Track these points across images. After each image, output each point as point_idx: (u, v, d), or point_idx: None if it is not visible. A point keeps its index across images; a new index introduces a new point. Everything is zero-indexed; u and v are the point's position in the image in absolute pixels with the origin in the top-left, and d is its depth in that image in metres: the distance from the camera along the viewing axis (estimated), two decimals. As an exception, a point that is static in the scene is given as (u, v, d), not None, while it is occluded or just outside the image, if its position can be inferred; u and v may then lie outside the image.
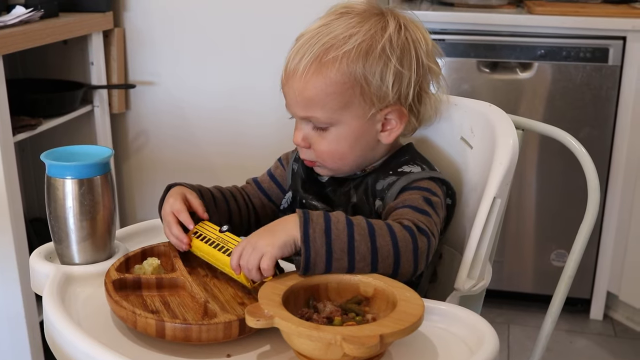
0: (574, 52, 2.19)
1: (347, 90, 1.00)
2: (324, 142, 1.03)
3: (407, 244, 0.89)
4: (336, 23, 1.02)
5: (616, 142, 2.24)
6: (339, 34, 1.00)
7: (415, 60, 1.03)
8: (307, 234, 0.86)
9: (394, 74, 1.01)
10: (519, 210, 2.37)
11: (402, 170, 1.04)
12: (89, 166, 0.99)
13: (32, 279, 1.02)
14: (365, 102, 1.01)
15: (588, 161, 1.14)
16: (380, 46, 1.00)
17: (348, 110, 1.01)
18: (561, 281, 1.16)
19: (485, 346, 0.81)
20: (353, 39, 0.99)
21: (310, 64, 0.99)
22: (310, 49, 1.00)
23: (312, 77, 0.99)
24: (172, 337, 0.82)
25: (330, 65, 0.99)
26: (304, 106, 1.02)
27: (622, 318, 2.41)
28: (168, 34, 2.16)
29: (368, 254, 0.87)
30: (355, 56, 0.99)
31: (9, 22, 1.73)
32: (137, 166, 2.30)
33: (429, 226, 0.93)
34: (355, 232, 0.87)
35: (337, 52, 0.99)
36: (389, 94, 1.01)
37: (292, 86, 1.02)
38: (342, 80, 0.99)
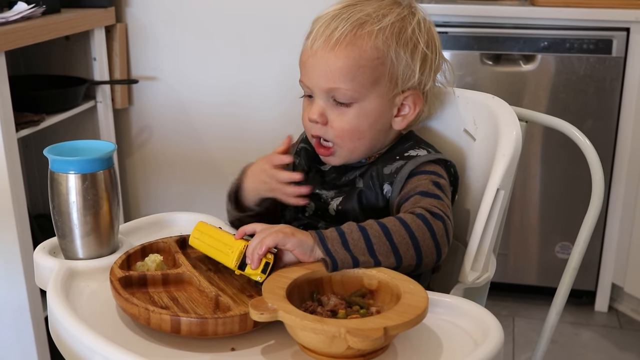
0: (577, 43, 2.18)
1: (379, 67, 1.01)
2: (345, 118, 1.03)
3: (424, 232, 0.90)
4: (366, 3, 1.04)
5: (620, 134, 2.23)
6: (371, 12, 1.02)
7: (437, 49, 1.07)
8: (327, 247, 0.88)
9: (422, 57, 1.04)
10: (523, 203, 2.37)
11: (408, 155, 1.05)
12: (92, 161, 0.98)
13: (37, 274, 1.02)
14: (391, 82, 1.03)
15: (592, 153, 1.13)
16: (411, 28, 1.03)
17: (375, 87, 1.02)
18: (566, 273, 1.16)
19: (490, 338, 0.80)
20: (387, 18, 1.02)
21: (345, 35, 1.00)
22: (344, 23, 1.01)
23: (346, 47, 1.00)
24: (188, 332, 0.82)
25: (366, 39, 1.01)
26: (332, 78, 1.01)
27: (627, 310, 2.41)
28: (170, 29, 2.15)
29: (390, 253, 0.89)
30: (389, 34, 1.01)
31: (11, 18, 1.73)
32: (140, 161, 2.30)
33: (442, 209, 0.95)
34: (371, 236, 0.89)
35: (372, 27, 1.01)
36: (415, 75, 1.03)
37: (321, 58, 1.01)
38: (376, 55, 1.01)
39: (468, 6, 2.29)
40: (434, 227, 0.91)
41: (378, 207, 1.04)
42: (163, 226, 1.15)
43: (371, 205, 1.05)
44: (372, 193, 1.05)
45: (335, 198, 1.07)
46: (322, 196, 1.08)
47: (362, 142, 1.05)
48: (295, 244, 0.88)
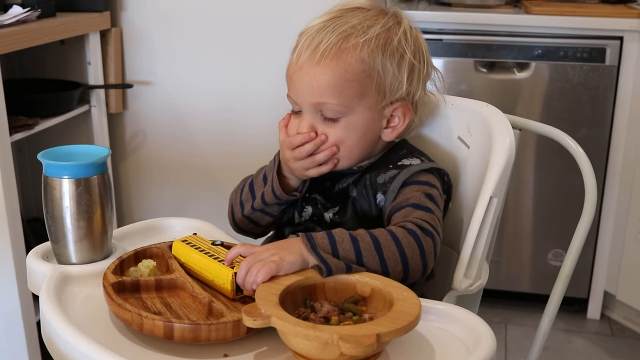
0: (571, 52, 2.19)
1: (365, 79, 1.01)
2: (332, 132, 1.03)
3: (414, 249, 0.91)
4: (351, 15, 1.03)
5: (613, 142, 2.24)
6: (356, 24, 1.01)
7: (425, 58, 1.06)
8: (319, 255, 0.88)
9: (409, 67, 1.03)
10: (516, 210, 2.37)
11: (402, 164, 1.05)
12: (86, 166, 0.98)
13: (29, 278, 1.02)
14: (378, 94, 1.02)
15: (585, 161, 1.14)
16: (397, 39, 1.02)
17: (362, 100, 1.01)
18: (558, 281, 1.17)
19: (482, 346, 0.81)
20: (372, 30, 1.01)
21: (329, 49, 0.99)
22: (328, 36, 1.00)
23: (331, 62, 0.99)
24: (181, 337, 0.82)
25: (351, 52, 1.00)
26: (318, 93, 1.00)
27: (620, 317, 2.41)
28: (165, 33, 2.15)
29: (378, 267, 0.89)
30: (375, 45, 1.00)
31: (6, 21, 1.73)
32: (134, 166, 2.30)
33: (433, 223, 0.95)
34: (361, 248, 0.89)
35: (357, 39, 1.00)
36: (403, 86, 1.03)
37: (307, 72, 1.01)
38: (362, 68, 1.00)
39: (462, 14, 2.29)
40: (423, 245, 0.92)
41: (371, 216, 1.05)
42: (156, 231, 1.15)
43: (365, 214, 1.05)
44: (366, 202, 1.05)
45: (331, 208, 1.07)
46: (318, 202, 1.08)
47: (350, 154, 1.04)
48: (287, 269, 0.87)
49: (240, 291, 0.90)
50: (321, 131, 1.03)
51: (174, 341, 0.82)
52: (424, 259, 0.92)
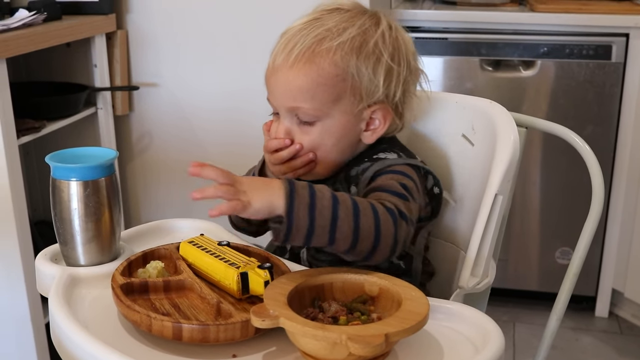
0: (576, 49, 2.18)
1: (339, 83, 0.99)
2: (309, 137, 1.01)
3: (389, 227, 0.87)
4: (328, 17, 1.01)
5: (620, 139, 2.24)
6: (332, 27, 1.00)
7: (405, 59, 1.03)
8: (291, 207, 0.83)
9: (386, 69, 1.00)
10: (523, 209, 2.37)
11: (377, 157, 1.03)
12: (94, 168, 0.99)
13: (38, 280, 1.02)
14: (355, 97, 1.00)
15: (592, 159, 1.14)
16: (373, 41, 1.00)
17: (337, 104, 1.00)
18: (566, 279, 1.16)
19: (490, 344, 0.81)
20: (347, 32, 0.99)
21: (302, 53, 0.98)
22: (303, 39, 0.99)
23: (304, 66, 0.98)
24: (190, 338, 0.82)
25: (324, 56, 0.98)
26: (293, 97, 1.00)
27: (628, 315, 2.41)
28: (170, 35, 2.16)
29: (350, 234, 0.85)
30: (349, 49, 0.99)
31: (12, 25, 1.74)
32: (141, 167, 2.30)
33: (409, 213, 0.92)
34: (340, 210, 0.85)
35: (331, 43, 0.98)
36: (380, 89, 1.00)
37: (281, 76, 1.00)
38: (335, 72, 0.98)
39: (467, 12, 2.29)
40: (398, 226, 0.88)
41: None
42: (164, 233, 1.15)
43: None
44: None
45: None
46: None
47: (326, 159, 1.03)
48: (250, 214, 0.83)
49: (246, 291, 0.90)
50: (297, 135, 1.02)
51: (182, 342, 0.82)
52: (395, 241, 0.88)
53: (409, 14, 2.29)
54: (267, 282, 0.88)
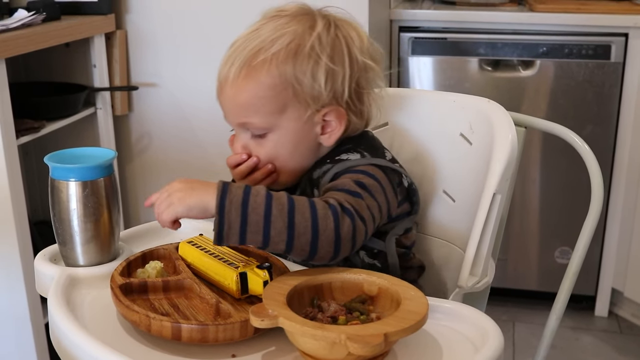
0: (576, 49, 2.18)
1: (280, 93, 0.98)
2: (263, 149, 1.02)
3: (328, 222, 0.86)
4: (265, 27, 1.01)
5: (619, 139, 2.24)
6: (266, 37, 0.99)
7: (347, 57, 1.01)
8: (222, 205, 0.85)
9: (326, 71, 0.99)
10: (522, 208, 2.37)
11: (339, 158, 1.02)
12: (93, 168, 0.99)
13: (37, 281, 1.02)
14: (300, 104, 0.99)
15: (591, 158, 1.14)
16: (309, 44, 0.98)
17: (284, 113, 1.00)
18: (566, 278, 1.16)
19: (489, 344, 0.81)
20: (281, 40, 0.98)
21: (240, 69, 0.98)
22: (240, 54, 0.99)
23: (243, 82, 0.99)
24: (189, 338, 0.82)
25: (260, 69, 0.98)
26: (239, 113, 1.01)
27: (627, 315, 2.41)
28: (170, 35, 2.16)
29: (284, 230, 0.85)
30: (284, 57, 0.98)
31: (11, 25, 1.74)
32: (140, 168, 2.30)
33: (357, 207, 0.90)
34: (273, 207, 0.85)
35: (266, 54, 0.98)
36: (323, 92, 0.99)
37: (226, 93, 1.01)
38: (274, 83, 0.98)
39: (467, 12, 2.29)
40: (339, 222, 0.87)
41: None
42: (163, 233, 1.15)
43: None
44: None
45: None
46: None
47: (285, 168, 1.03)
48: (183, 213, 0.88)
49: (245, 291, 0.90)
50: (253, 149, 1.02)
51: (182, 342, 0.82)
52: (337, 236, 0.86)
53: (408, 13, 2.29)
54: (266, 282, 0.88)
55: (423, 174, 1.19)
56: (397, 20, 2.30)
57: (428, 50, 2.28)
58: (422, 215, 1.22)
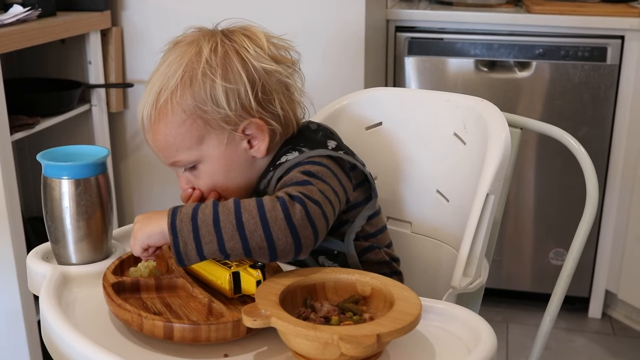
0: (572, 51, 2.19)
1: (192, 126, 0.99)
2: (201, 181, 1.02)
3: (277, 213, 0.86)
4: (164, 62, 1.02)
5: (614, 141, 2.24)
6: (164, 74, 1.00)
7: (242, 69, 1.00)
8: (174, 225, 0.87)
9: (225, 92, 0.98)
10: (517, 209, 2.37)
11: (279, 162, 1.01)
12: (85, 166, 0.98)
13: (29, 279, 1.02)
14: (215, 129, 0.99)
15: (586, 160, 1.14)
16: (200, 72, 0.98)
17: (203, 143, 1.00)
18: (560, 280, 1.16)
19: (482, 345, 0.81)
20: (176, 75, 0.99)
21: (149, 114, 1.00)
22: (148, 98, 1.01)
23: (155, 126, 1.00)
24: (181, 338, 0.82)
25: (165, 109, 0.99)
26: (165, 154, 1.02)
27: (621, 317, 2.41)
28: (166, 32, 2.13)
29: (235, 232, 0.85)
30: (181, 91, 0.98)
31: (6, 21, 1.73)
32: (134, 165, 2.30)
33: (307, 193, 0.89)
34: (220, 213, 0.86)
35: (166, 94, 0.99)
36: (229, 113, 0.98)
37: (148, 139, 1.03)
38: (181, 119, 0.99)
39: (463, 13, 2.29)
40: (289, 210, 0.86)
41: None
42: (157, 231, 1.15)
43: None
44: None
45: None
46: None
47: (228, 190, 1.03)
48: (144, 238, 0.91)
49: (238, 291, 0.90)
50: (193, 182, 1.03)
51: (174, 341, 0.82)
52: (291, 225, 0.85)
53: (405, 14, 2.29)
54: (259, 281, 0.88)
55: (416, 174, 1.19)
56: (393, 20, 2.30)
57: (424, 51, 2.28)
58: (415, 215, 1.22)
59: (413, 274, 1.15)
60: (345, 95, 1.27)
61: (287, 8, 2.04)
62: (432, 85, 2.31)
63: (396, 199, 1.23)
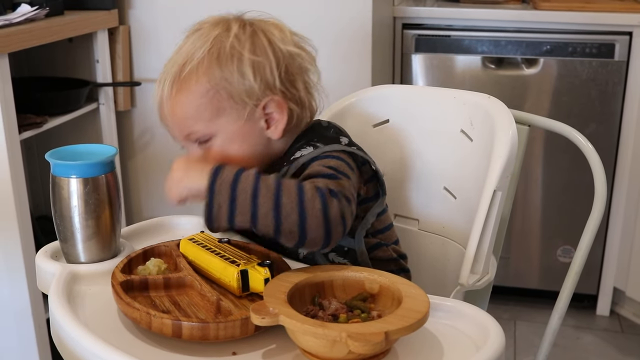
0: (579, 47, 2.18)
1: (214, 97, 1.00)
2: (211, 156, 1.02)
3: (315, 204, 0.86)
4: (186, 42, 1.04)
5: (622, 138, 2.23)
6: (189, 51, 1.02)
7: (269, 47, 1.02)
8: (213, 186, 0.88)
9: (252, 65, 1.00)
10: (525, 207, 2.37)
11: (293, 158, 1.02)
12: (94, 165, 0.99)
13: (38, 278, 1.02)
14: (237, 104, 1.00)
15: (595, 157, 1.13)
16: (228, 45, 1.01)
17: (223, 116, 1.01)
18: (568, 277, 1.16)
19: (491, 342, 0.80)
20: (202, 49, 1.01)
21: (172, 85, 1.01)
22: (168, 72, 1.02)
23: (177, 96, 1.01)
24: (189, 336, 0.82)
25: (189, 80, 1.00)
26: (180, 126, 1.02)
27: (629, 314, 2.40)
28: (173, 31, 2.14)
29: (270, 211, 0.86)
30: (208, 63, 1.00)
31: (14, 20, 1.74)
32: (142, 163, 2.30)
33: (341, 189, 0.90)
34: (260, 187, 0.87)
35: (192, 65, 1.00)
36: (254, 86, 1.00)
37: (165, 112, 1.03)
38: (206, 89, 1.00)
39: (470, 10, 2.29)
40: (328, 204, 0.87)
41: None
42: (164, 230, 1.15)
43: None
44: None
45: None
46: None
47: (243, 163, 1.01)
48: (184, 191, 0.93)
49: (246, 289, 0.90)
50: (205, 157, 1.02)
51: (182, 339, 0.82)
52: (326, 219, 0.86)
53: (412, 11, 2.29)
54: (267, 279, 0.88)
55: (424, 171, 1.19)
56: (400, 18, 2.29)
57: (431, 48, 2.27)
58: (423, 212, 1.21)
59: (421, 271, 1.15)
60: (352, 93, 1.27)
61: (294, 6, 2.04)
62: (439, 82, 2.31)
63: (403, 196, 1.23)
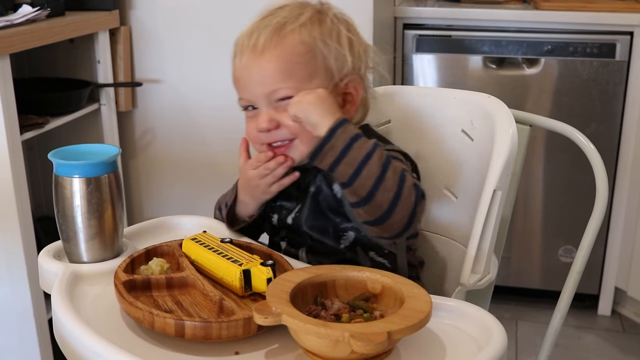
0: (580, 47, 2.18)
1: (311, 60, 1.01)
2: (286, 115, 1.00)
3: (410, 193, 0.91)
4: (278, 12, 1.05)
5: (623, 138, 2.23)
6: (287, 15, 1.03)
7: (359, 34, 1.07)
8: (336, 128, 0.91)
9: (348, 41, 1.04)
10: (526, 207, 2.37)
11: None
12: (97, 165, 0.99)
13: (41, 277, 1.02)
14: (327, 74, 1.02)
15: (596, 157, 1.13)
16: (329, 19, 1.04)
17: (312, 81, 1.01)
18: (569, 277, 1.16)
19: (493, 342, 0.81)
20: (304, 16, 1.03)
21: (270, 38, 1.01)
22: (265, 27, 1.02)
23: (274, 50, 1.01)
24: (192, 335, 0.82)
25: (291, 36, 1.01)
26: (269, 81, 1.01)
27: (630, 314, 2.40)
28: (174, 31, 2.16)
29: (372, 179, 0.89)
30: (311, 27, 1.02)
31: (15, 21, 1.74)
32: (144, 164, 2.30)
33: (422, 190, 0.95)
34: (374, 155, 0.90)
35: (294, 25, 1.02)
36: (347, 59, 1.03)
37: (254, 67, 1.02)
38: (305, 49, 1.01)
39: (471, 10, 2.29)
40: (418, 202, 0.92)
41: (332, 208, 1.04)
42: (167, 229, 1.15)
43: (328, 205, 1.04)
44: (325, 194, 1.04)
45: (293, 210, 1.07)
46: (283, 207, 1.09)
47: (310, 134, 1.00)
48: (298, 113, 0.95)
49: (249, 288, 0.90)
50: (283, 120, 1.01)
51: (185, 339, 0.83)
52: (413, 214, 0.92)
53: (413, 11, 2.29)
54: (269, 279, 0.88)
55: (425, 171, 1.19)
56: (401, 18, 2.29)
57: (432, 48, 2.27)
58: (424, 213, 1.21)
59: (423, 271, 1.15)
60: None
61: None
62: (440, 82, 2.31)
63: (405, 196, 1.23)
